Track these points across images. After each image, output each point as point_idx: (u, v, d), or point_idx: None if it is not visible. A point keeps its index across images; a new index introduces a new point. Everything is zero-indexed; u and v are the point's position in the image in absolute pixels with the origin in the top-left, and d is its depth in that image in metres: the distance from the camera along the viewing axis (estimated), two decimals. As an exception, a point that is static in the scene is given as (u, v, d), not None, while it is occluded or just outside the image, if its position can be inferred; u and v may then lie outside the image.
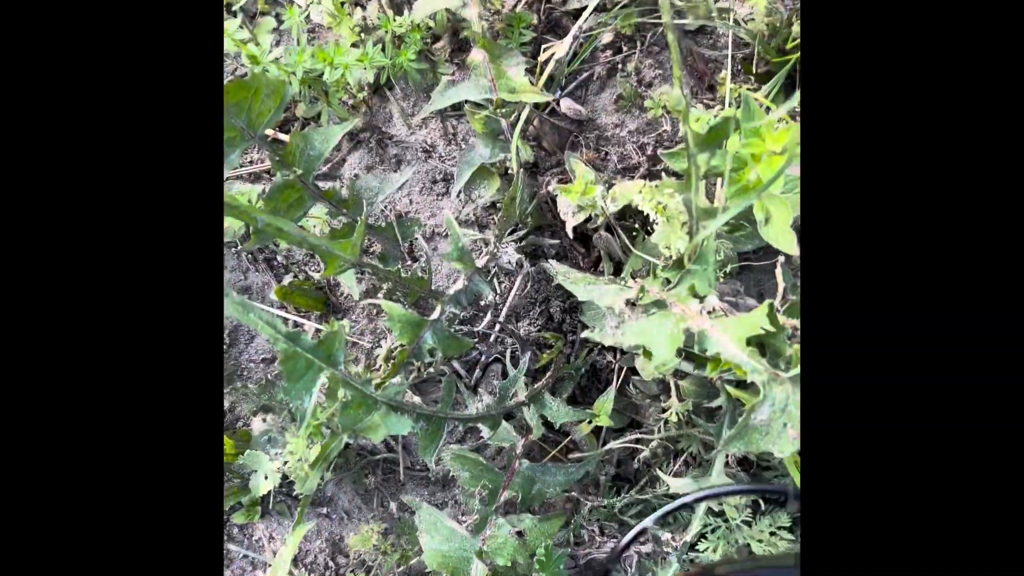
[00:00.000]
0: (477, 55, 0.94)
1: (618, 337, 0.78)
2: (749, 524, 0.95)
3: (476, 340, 1.07)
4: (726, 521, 0.97)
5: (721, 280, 0.86)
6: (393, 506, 1.08)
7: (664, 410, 0.99)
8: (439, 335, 0.83)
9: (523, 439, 1.01)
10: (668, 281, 0.84)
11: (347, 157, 1.15)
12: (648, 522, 0.45)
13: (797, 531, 1.03)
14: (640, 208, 0.87)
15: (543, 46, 1.03)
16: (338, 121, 1.10)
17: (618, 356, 1.06)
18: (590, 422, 1.00)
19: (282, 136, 1.14)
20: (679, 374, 1.02)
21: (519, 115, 0.93)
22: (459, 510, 1.06)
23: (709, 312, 0.78)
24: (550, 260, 0.97)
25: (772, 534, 1.02)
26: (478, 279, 0.86)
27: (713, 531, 0.94)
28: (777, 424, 0.67)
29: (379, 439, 0.80)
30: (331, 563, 1.10)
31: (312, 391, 0.75)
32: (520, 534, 0.91)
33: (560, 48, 1.01)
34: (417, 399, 0.98)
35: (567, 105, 1.07)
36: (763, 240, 0.94)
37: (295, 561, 1.13)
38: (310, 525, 0.99)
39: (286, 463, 1.03)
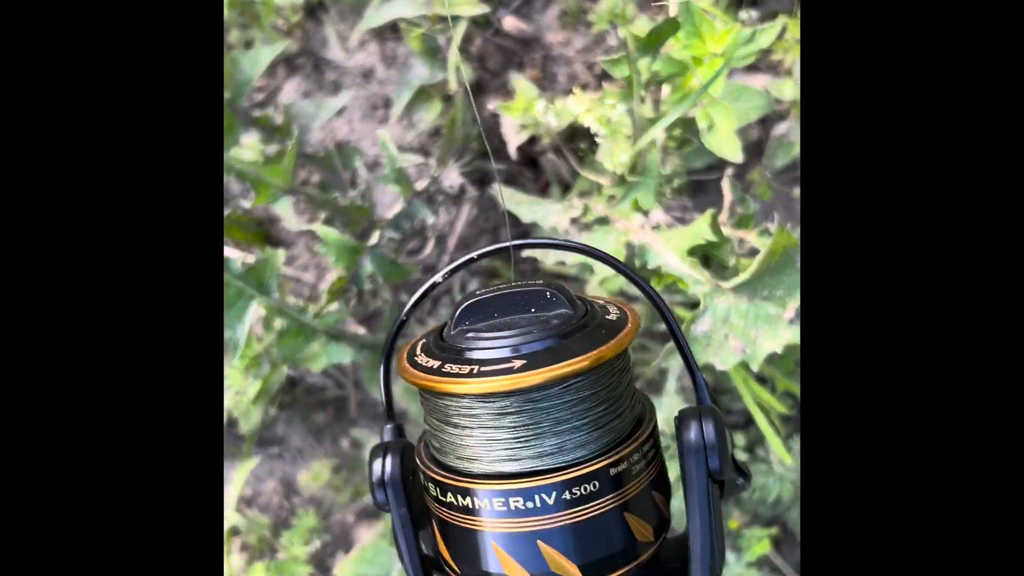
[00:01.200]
0: (412, -32, 0.90)
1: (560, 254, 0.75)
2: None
3: (424, 271, 1.04)
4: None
5: (668, 196, 0.84)
6: (345, 443, 1.07)
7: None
8: (379, 260, 0.80)
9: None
10: (613, 198, 0.81)
11: (283, 85, 1.09)
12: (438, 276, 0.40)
13: (759, 451, 1.03)
14: (585, 125, 0.84)
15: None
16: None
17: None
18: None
19: (213, 64, 1.08)
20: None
21: (458, 31, 0.89)
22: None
23: (654, 227, 0.75)
24: (494, 184, 0.94)
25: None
26: (418, 203, 0.83)
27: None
28: (719, 335, 0.66)
29: (319, 369, 0.78)
30: (285, 503, 1.08)
31: (244, 319, 0.72)
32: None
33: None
34: (363, 331, 0.96)
35: (511, 23, 1.02)
36: (715, 157, 0.92)
37: (249, 502, 1.11)
38: (254, 461, 0.97)
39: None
